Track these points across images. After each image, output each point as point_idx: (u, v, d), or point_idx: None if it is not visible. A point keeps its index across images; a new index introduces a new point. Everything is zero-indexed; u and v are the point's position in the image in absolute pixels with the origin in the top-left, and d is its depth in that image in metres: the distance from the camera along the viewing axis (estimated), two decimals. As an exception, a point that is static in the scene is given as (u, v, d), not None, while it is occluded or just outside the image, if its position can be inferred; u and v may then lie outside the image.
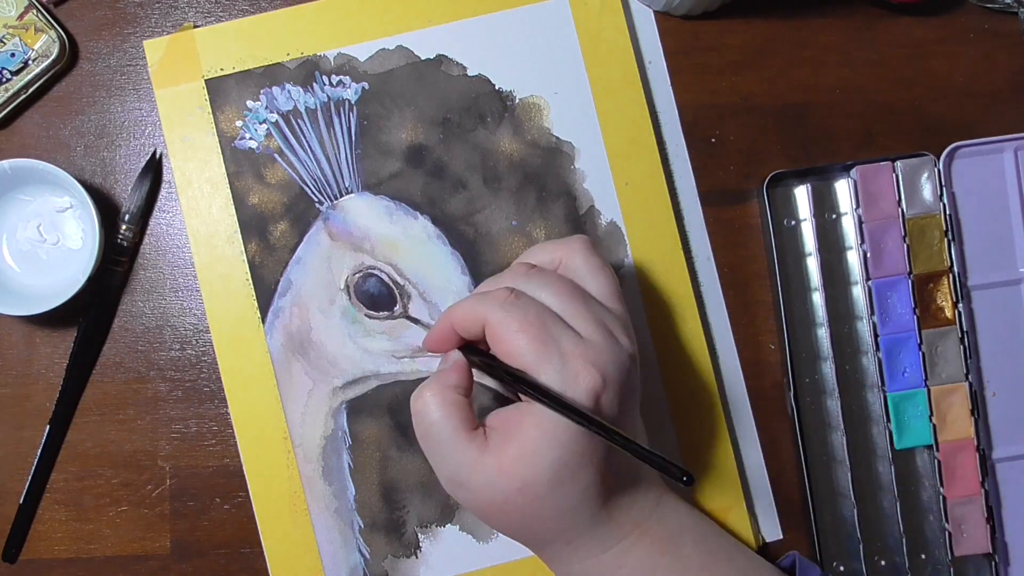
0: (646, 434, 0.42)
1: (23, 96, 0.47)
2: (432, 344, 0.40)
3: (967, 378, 0.47)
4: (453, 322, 0.39)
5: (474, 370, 0.39)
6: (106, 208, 0.47)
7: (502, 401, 0.44)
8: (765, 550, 0.47)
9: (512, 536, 0.39)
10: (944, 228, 0.47)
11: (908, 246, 0.47)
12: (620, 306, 0.40)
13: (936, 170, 0.47)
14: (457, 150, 0.47)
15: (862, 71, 0.50)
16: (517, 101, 0.48)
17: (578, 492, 0.37)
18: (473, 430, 0.37)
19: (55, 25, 0.47)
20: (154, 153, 0.48)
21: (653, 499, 0.40)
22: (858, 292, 0.47)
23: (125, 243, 0.47)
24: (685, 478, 0.32)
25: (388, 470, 0.46)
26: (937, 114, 0.50)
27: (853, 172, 0.47)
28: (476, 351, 0.39)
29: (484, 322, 0.37)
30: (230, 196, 0.47)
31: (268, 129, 0.47)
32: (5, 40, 0.47)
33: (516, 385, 0.36)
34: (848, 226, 0.48)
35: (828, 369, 0.47)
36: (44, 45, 0.47)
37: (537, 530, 0.38)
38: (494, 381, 0.44)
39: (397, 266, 0.47)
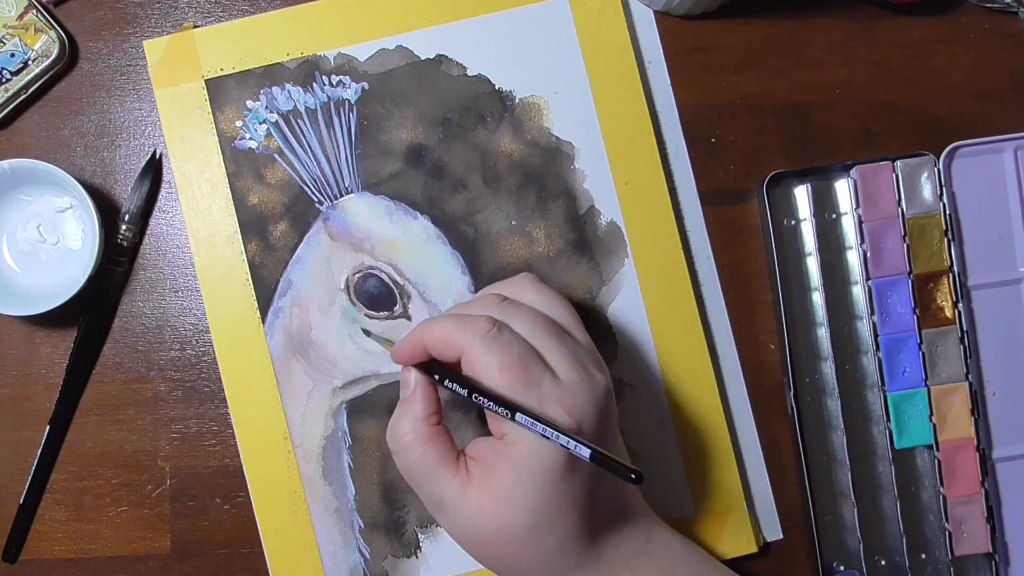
0: (627, 451, 0.42)
1: (23, 96, 0.47)
2: (401, 357, 0.39)
3: (967, 378, 0.47)
4: (427, 342, 0.38)
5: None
6: (106, 208, 0.47)
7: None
8: (766, 550, 0.47)
9: (500, 574, 0.39)
10: (944, 228, 0.47)
11: (908, 246, 0.47)
12: (584, 335, 0.40)
13: (936, 170, 0.47)
14: (457, 150, 0.47)
15: (862, 71, 0.50)
16: (517, 101, 0.47)
17: (561, 536, 0.36)
18: (455, 461, 0.37)
19: (55, 25, 0.47)
20: (154, 153, 0.48)
21: (642, 534, 0.39)
22: (858, 292, 0.47)
23: (125, 243, 0.47)
24: (633, 476, 0.32)
25: (388, 470, 0.46)
26: (937, 114, 0.50)
27: (853, 172, 0.47)
28: (451, 375, 0.38)
29: (462, 352, 0.37)
30: (230, 196, 0.47)
31: (268, 129, 0.47)
32: (5, 40, 0.47)
33: (487, 407, 0.36)
34: (848, 226, 0.48)
35: (828, 369, 0.47)
36: (44, 45, 0.47)
37: (522, 571, 0.37)
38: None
39: (397, 266, 0.47)
